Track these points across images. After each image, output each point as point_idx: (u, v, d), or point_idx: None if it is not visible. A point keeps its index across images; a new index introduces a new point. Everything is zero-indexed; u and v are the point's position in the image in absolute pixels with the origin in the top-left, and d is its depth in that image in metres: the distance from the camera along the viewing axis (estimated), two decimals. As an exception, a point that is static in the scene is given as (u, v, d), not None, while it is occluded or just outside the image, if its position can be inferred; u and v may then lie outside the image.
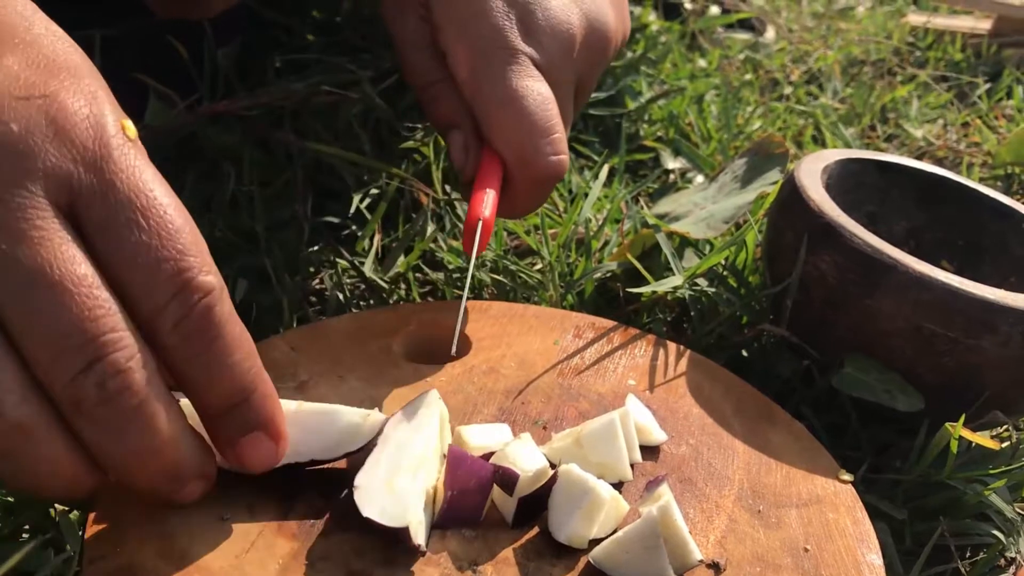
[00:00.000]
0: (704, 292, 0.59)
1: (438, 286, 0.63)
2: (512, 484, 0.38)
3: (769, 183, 0.62)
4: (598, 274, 0.61)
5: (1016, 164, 0.88)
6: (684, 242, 0.64)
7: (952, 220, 0.60)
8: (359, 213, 0.66)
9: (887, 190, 0.60)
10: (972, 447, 0.49)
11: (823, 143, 0.92)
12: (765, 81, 1.09)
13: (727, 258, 0.61)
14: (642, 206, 0.73)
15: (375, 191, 0.68)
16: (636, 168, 0.84)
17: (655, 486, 0.41)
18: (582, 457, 0.41)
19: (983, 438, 0.46)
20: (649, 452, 0.44)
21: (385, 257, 0.63)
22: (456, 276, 0.63)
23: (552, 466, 0.40)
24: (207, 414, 0.36)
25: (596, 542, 0.38)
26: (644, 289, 0.58)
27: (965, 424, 0.46)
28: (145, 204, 0.34)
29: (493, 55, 0.49)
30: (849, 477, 0.44)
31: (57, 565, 0.38)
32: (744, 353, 0.57)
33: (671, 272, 0.59)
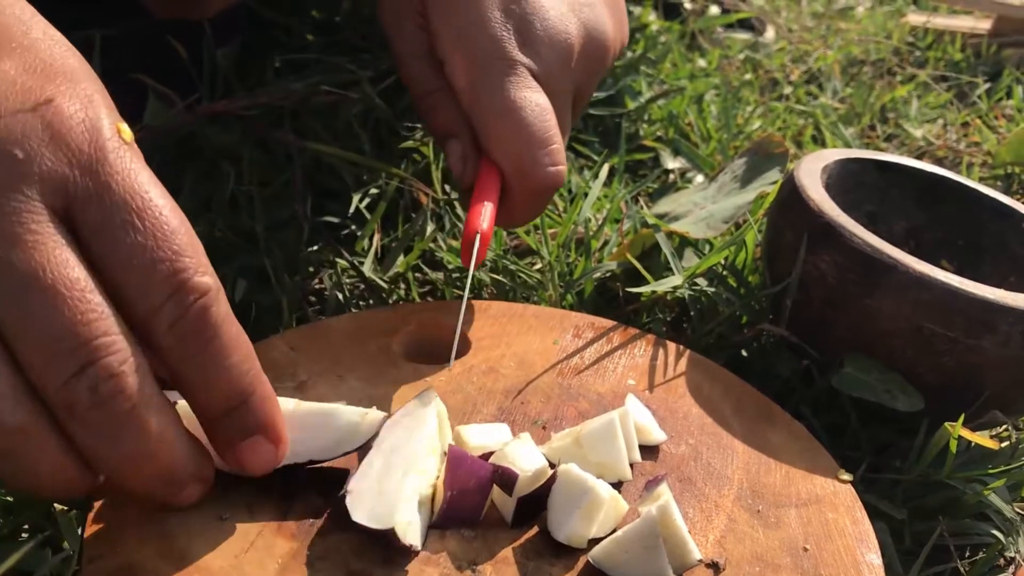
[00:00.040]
0: (704, 292, 0.59)
1: (437, 286, 0.63)
2: (511, 484, 0.38)
3: (769, 183, 0.62)
4: (598, 274, 0.61)
5: (1016, 164, 0.88)
6: (684, 242, 0.64)
7: (952, 220, 0.60)
8: (358, 213, 0.66)
9: (887, 190, 0.60)
10: (971, 447, 0.49)
11: (823, 143, 0.92)
12: (765, 81, 1.09)
13: (727, 258, 0.61)
14: (642, 206, 0.73)
15: (375, 191, 0.68)
16: (636, 168, 0.84)
17: (654, 486, 0.41)
18: (581, 457, 0.41)
19: (982, 438, 0.46)
20: (648, 452, 0.44)
21: (384, 257, 0.63)
22: (456, 276, 0.63)
23: (551, 466, 0.40)
24: (206, 417, 0.36)
25: (595, 542, 0.38)
26: (644, 289, 0.58)
27: (965, 424, 0.46)
28: (140, 206, 0.34)
29: (491, 66, 0.49)
30: (848, 477, 0.44)
31: (56, 564, 0.38)
32: (744, 353, 0.57)
33: (671, 272, 0.59)
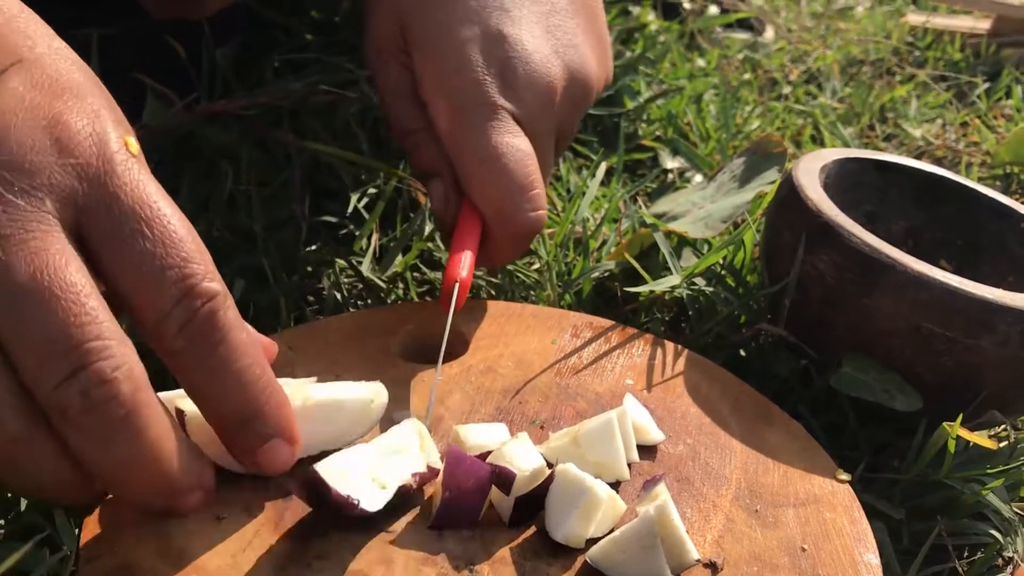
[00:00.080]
0: (702, 291, 0.59)
1: (436, 285, 0.63)
2: (509, 483, 0.38)
3: (767, 182, 0.62)
4: (596, 273, 0.61)
5: (1015, 164, 0.88)
6: (682, 241, 0.64)
7: (951, 220, 0.60)
8: (357, 212, 0.66)
9: (886, 189, 0.60)
10: (970, 447, 0.49)
11: (822, 143, 0.92)
12: (764, 81, 1.09)
13: (725, 257, 0.61)
14: (640, 205, 0.73)
15: (373, 190, 0.68)
16: (634, 167, 0.83)
17: (652, 485, 0.40)
18: (579, 456, 0.41)
19: (981, 438, 0.46)
20: (646, 452, 0.44)
21: (383, 256, 0.63)
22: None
23: (549, 465, 0.40)
24: (222, 426, 0.36)
25: (593, 541, 0.38)
26: (642, 288, 0.58)
27: (963, 424, 0.46)
28: (149, 215, 0.35)
29: (473, 111, 0.49)
30: (847, 476, 0.44)
31: (53, 564, 0.38)
32: (742, 353, 0.57)
33: (669, 271, 0.59)
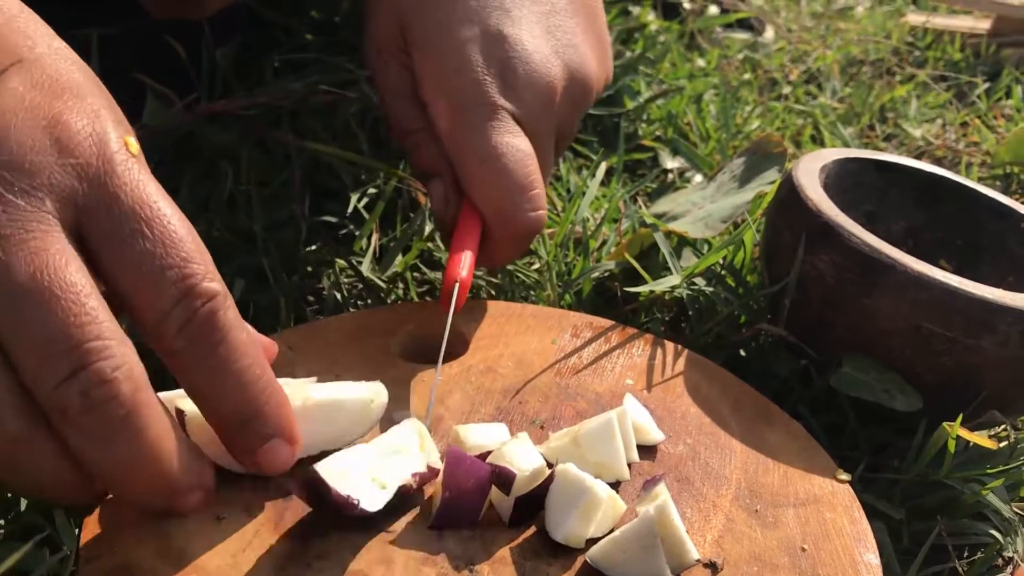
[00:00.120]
0: (702, 291, 0.59)
1: (436, 285, 0.63)
2: (509, 483, 0.38)
3: (767, 183, 0.62)
4: (596, 273, 0.61)
5: (1015, 164, 0.88)
6: (682, 241, 0.64)
7: (951, 220, 0.60)
8: (357, 212, 0.66)
9: (885, 189, 0.60)
10: (970, 446, 0.49)
11: (822, 143, 0.92)
12: (764, 81, 1.09)
13: (725, 257, 0.61)
14: (640, 205, 0.73)
15: (373, 190, 0.68)
16: (634, 167, 0.83)
17: (652, 485, 0.40)
18: (579, 456, 0.41)
19: (981, 438, 0.46)
20: (646, 452, 0.44)
21: (383, 256, 0.63)
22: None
23: (549, 465, 0.40)
24: (222, 426, 0.36)
25: (593, 541, 0.38)
26: (642, 288, 0.58)
27: (963, 424, 0.46)
28: (149, 215, 0.35)
29: (473, 111, 0.49)
30: (847, 476, 0.44)
31: (53, 564, 0.38)
32: (742, 353, 0.57)
33: (669, 271, 0.59)
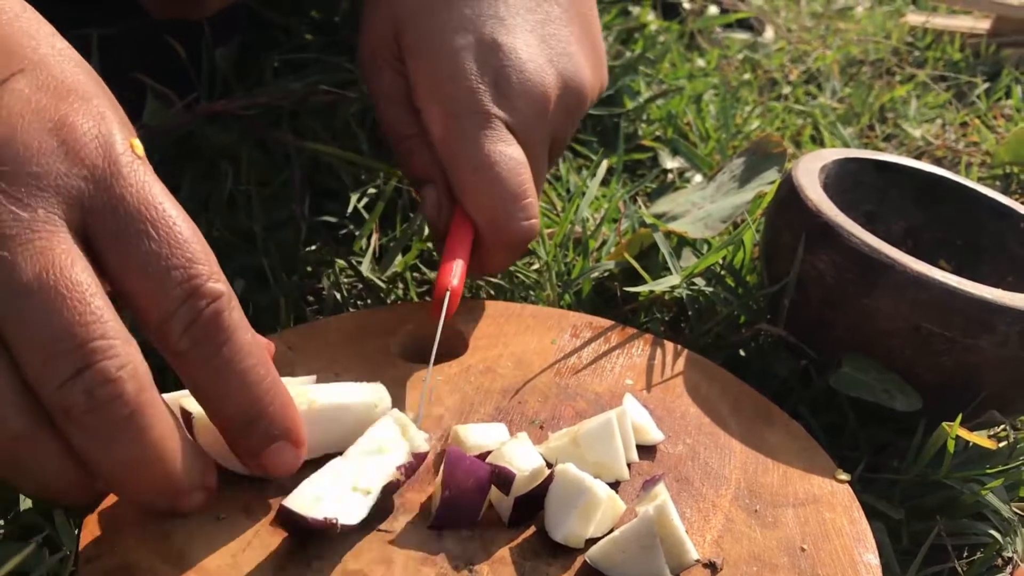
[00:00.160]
0: (702, 291, 0.59)
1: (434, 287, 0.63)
2: (508, 483, 0.38)
3: (767, 183, 0.62)
4: (595, 273, 0.61)
5: (1014, 164, 0.88)
6: (682, 241, 0.64)
7: (950, 220, 0.60)
8: (357, 212, 0.66)
9: (885, 190, 0.60)
10: (969, 447, 0.49)
11: (821, 143, 0.92)
12: (764, 81, 1.09)
13: (725, 257, 0.61)
14: (640, 205, 0.73)
15: (373, 190, 0.68)
16: (634, 167, 0.84)
17: (652, 485, 0.40)
18: (579, 456, 0.41)
19: (980, 438, 0.46)
20: (646, 451, 0.44)
21: (383, 256, 0.63)
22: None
23: (549, 465, 0.40)
24: (227, 428, 0.36)
25: (592, 541, 0.38)
26: (642, 288, 0.58)
27: (962, 424, 0.46)
28: (154, 216, 0.35)
29: (466, 119, 0.49)
30: (846, 477, 0.44)
31: (53, 565, 0.38)
32: (742, 353, 0.57)
33: (669, 271, 0.59)
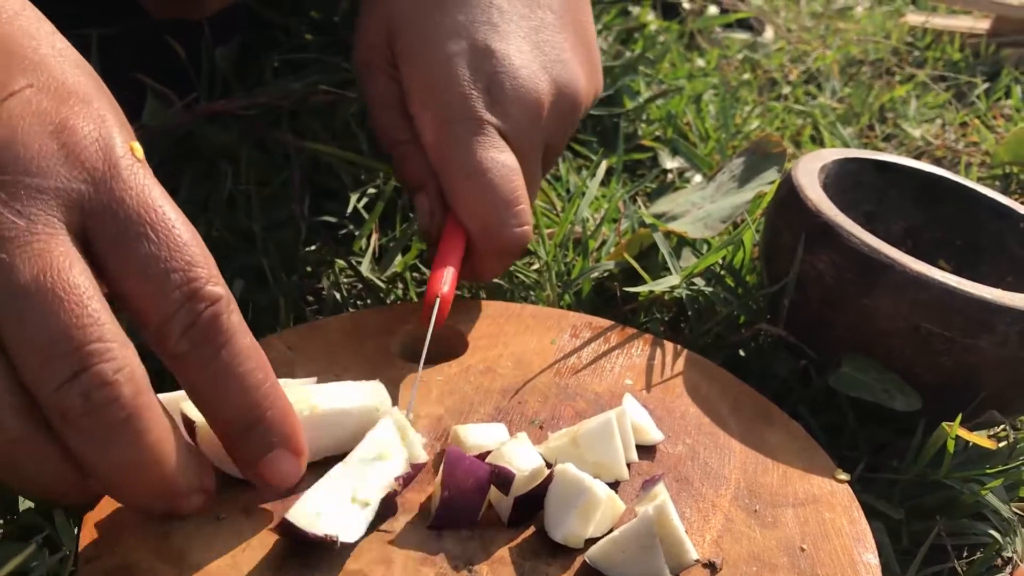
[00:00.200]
0: (701, 292, 0.59)
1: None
2: (508, 483, 0.38)
3: (767, 183, 0.62)
4: (595, 273, 0.61)
5: (1014, 164, 0.88)
6: (682, 241, 0.64)
7: (950, 220, 0.60)
8: (356, 212, 0.66)
9: (885, 189, 0.60)
10: (969, 446, 0.49)
11: (821, 143, 0.92)
12: (763, 81, 1.09)
13: (724, 257, 0.61)
14: (640, 205, 0.73)
15: (372, 190, 0.68)
16: (634, 167, 0.83)
17: (651, 485, 0.40)
18: (578, 456, 0.41)
19: (980, 437, 0.46)
20: (645, 451, 0.44)
21: (382, 256, 0.63)
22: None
23: (548, 465, 0.40)
24: (225, 434, 0.36)
25: (592, 541, 0.38)
26: (641, 288, 0.58)
27: (962, 424, 0.46)
28: (154, 219, 0.35)
29: (459, 125, 0.49)
30: (846, 477, 0.44)
31: (53, 565, 0.38)
32: (741, 353, 0.57)
33: (668, 272, 0.59)
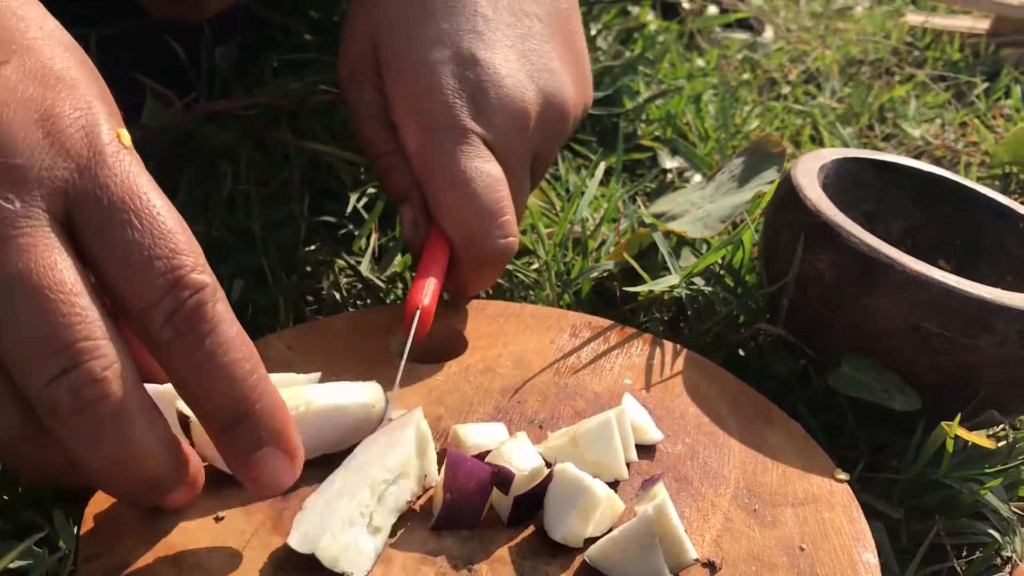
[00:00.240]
0: (701, 291, 0.59)
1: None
2: (508, 483, 0.38)
3: (766, 182, 0.62)
4: (595, 273, 0.61)
5: (1014, 163, 0.88)
6: (681, 241, 0.64)
7: (949, 219, 0.60)
8: (356, 212, 0.66)
9: (884, 189, 0.60)
10: (968, 446, 0.49)
11: (821, 142, 0.92)
12: (763, 81, 1.09)
13: (724, 257, 0.61)
14: (639, 205, 0.73)
15: (372, 190, 0.68)
16: (634, 167, 0.84)
17: (651, 485, 0.40)
18: (578, 456, 0.41)
19: (979, 437, 0.46)
20: (645, 451, 0.44)
21: (382, 256, 0.63)
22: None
23: (548, 465, 0.40)
24: (212, 426, 0.35)
25: (591, 541, 0.38)
26: (641, 288, 0.58)
27: (961, 423, 0.46)
28: (139, 206, 0.34)
29: (443, 134, 0.48)
30: (845, 476, 0.44)
31: (52, 564, 0.38)
32: (741, 352, 0.57)
33: (668, 271, 0.59)
